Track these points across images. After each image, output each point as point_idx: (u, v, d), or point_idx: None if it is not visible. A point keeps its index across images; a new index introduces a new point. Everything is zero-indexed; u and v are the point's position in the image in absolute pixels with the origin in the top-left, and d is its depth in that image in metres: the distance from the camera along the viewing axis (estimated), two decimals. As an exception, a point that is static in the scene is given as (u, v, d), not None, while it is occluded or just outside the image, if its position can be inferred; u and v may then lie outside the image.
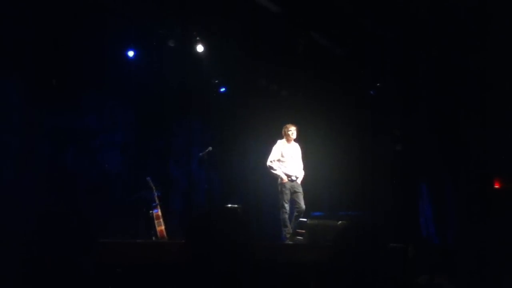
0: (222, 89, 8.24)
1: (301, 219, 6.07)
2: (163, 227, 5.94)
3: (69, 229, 1.71)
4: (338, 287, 1.51)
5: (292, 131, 6.27)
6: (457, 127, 6.89)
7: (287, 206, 6.10)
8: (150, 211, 6.06)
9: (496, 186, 6.47)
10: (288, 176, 6.17)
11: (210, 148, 6.55)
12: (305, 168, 6.35)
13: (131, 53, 6.88)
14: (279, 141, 6.35)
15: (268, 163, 6.25)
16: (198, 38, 7.00)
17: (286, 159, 6.24)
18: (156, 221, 5.96)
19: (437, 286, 2.78)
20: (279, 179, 6.17)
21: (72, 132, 6.34)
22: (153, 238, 5.92)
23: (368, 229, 1.53)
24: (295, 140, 6.37)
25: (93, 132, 6.65)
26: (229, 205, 5.84)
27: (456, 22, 6.47)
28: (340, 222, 5.70)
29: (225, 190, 7.98)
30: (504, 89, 6.22)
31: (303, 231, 5.80)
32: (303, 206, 6.10)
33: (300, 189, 6.16)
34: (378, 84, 8.20)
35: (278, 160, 6.24)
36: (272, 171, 6.23)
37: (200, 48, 7.06)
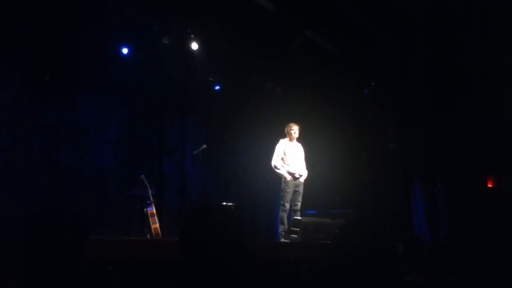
0: (217, 87, 8.22)
1: (295, 217, 6.09)
2: (157, 225, 5.92)
3: (62, 226, 1.69)
4: (333, 285, 1.51)
5: (295, 130, 6.28)
6: (451, 125, 6.92)
7: (287, 204, 6.14)
8: (145, 209, 6.03)
9: (489, 185, 6.51)
10: (292, 174, 6.19)
11: (205, 146, 6.53)
12: (305, 167, 6.36)
13: (125, 50, 6.84)
14: (281, 140, 6.36)
15: (273, 162, 6.25)
16: (192, 36, 6.97)
17: (289, 157, 6.25)
18: (150, 219, 5.94)
19: (428, 284, 2.79)
20: (283, 178, 6.18)
21: (65, 128, 6.30)
22: (148, 236, 5.90)
23: (368, 227, 1.53)
24: (298, 140, 6.37)
25: (86, 128, 6.60)
26: (224, 203, 5.83)
27: (452, 20, 6.50)
28: (336, 220, 5.74)
29: (219, 188, 7.97)
30: (498, 87, 6.25)
31: (297, 229, 5.81)
32: (299, 206, 6.16)
33: (301, 189, 6.21)
34: (373, 83, 8.21)
35: (281, 159, 6.26)
36: (277, 170, 6.23)
37: (194, 45, 7.03)
